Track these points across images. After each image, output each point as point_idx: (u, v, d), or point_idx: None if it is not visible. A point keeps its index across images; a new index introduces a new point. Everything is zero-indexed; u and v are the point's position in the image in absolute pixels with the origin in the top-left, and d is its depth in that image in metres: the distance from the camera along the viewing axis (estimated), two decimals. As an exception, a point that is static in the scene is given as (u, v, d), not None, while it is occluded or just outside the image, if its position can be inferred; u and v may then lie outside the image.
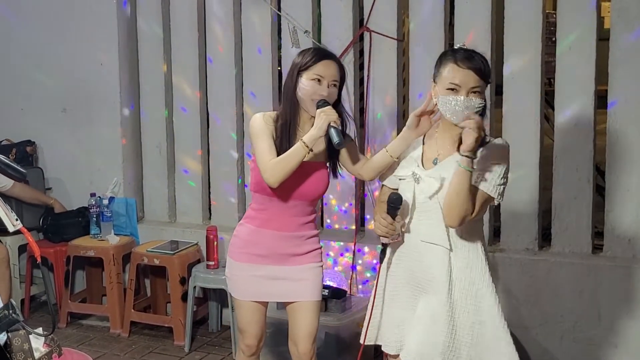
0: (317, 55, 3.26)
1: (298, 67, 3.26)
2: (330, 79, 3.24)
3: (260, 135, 3.26)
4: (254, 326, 3.46)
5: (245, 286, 3.41)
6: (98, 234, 5.31)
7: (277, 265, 3.37)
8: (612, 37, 4.22)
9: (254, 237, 3.38)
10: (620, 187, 4.28)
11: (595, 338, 4.29)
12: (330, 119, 3.13)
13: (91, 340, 5.03)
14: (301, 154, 3.16)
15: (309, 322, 3.41)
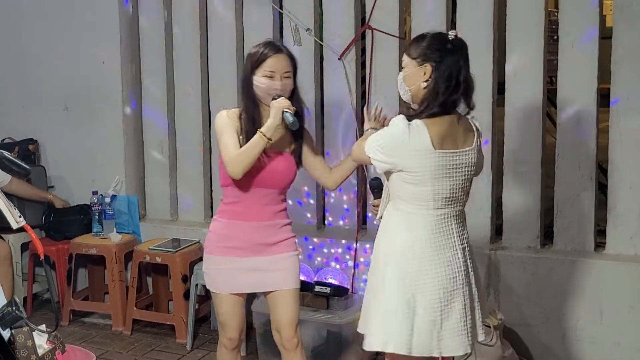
0: (266, 51, 3.38)
1: (250, 67, 3.40)
2: (282, 72, 3.37)
3: (225, 130, 3.38)
4: (234, 319, 3.52)
5: (224, 279, 3.47)
6: (100, 232, 5.32)
7: (254, 257, 3.45)
8: (615, 35, 4.21)
9: (229, 230, 3.46)
10: (622, 185, 4.27)
11: (597, 336, 4.29)
12: (282, 106, 3.29)
13: (93, 338, 5.04)
14: (260, 144, 3.28)
15: (289, 310, 3.49)
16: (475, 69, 4.38)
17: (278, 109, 3.28)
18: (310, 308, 4.45)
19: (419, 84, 3.04)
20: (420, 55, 3.04)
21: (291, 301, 3.49)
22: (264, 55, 3.37)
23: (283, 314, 3.49)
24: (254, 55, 3.40)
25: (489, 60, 4.47)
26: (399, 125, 2.98)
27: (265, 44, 3.43)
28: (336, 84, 4.87)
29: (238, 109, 3.46)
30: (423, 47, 3.04)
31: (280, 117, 3.28)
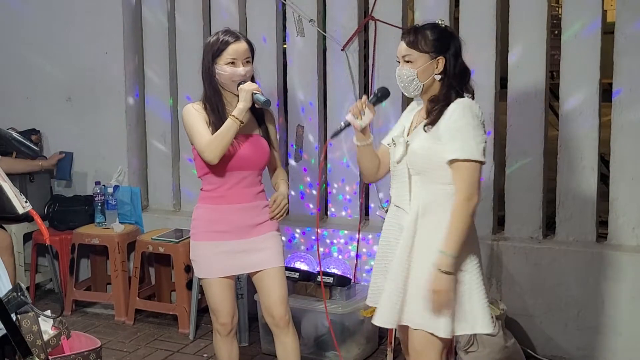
0: (226, 38, 3.46)
1: (211, 55, 3.46)
2: (243, 58, 3.45)
3: (195, 121, 3.47)
4: (225, 303, 3.56)
5: (212, 264, 3.53)
6: (103, 222, 5.32)
7: (239, 239, 3.51)
8: (617, 26, 4.22)
9: (213, 215, 3.53)
10: (624, 176, 4.29)
11: (600, 326, 4.30)
12: (252, 88, 3.39)
13: (96, 327, 5.05)
14: (234, 128, 3.36)
15: (277, 288, 3.54)
16: (478, 60, 4.46)
17: (248, 92, 3.37)
18: (313, 298, 4.46)
19: (433, 77, 3.02)
20: (432, 49, 3.00)
21: (278, 279, 3.56)
22: (224, 43, 3.44)
23: (272, 293, 3.55)
24: (213, 44, 3.47)
25: (492, 53, 4.48)
26: (474, 107, 2.97)
27: (225, 32, 3.50)
28: (339, 75, 4.88)
29: (200, 101, 3.54)
30: (433, 40, 3.00)
31: (250, 99, 3.37)
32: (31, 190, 5.39)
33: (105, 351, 3.92)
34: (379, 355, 4.55)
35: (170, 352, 4.71)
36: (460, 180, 2.92)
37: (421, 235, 3.01)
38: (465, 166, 2.91)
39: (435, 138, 2.97)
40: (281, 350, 3.61)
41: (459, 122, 2.93)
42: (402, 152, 3.05)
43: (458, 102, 2.98)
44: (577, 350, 4.36)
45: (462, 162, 2.91)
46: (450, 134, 2.93)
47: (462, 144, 2.91)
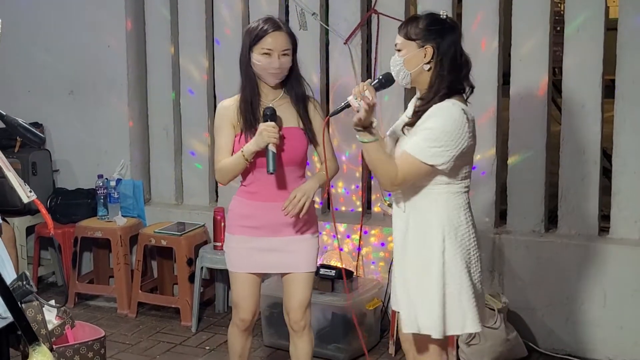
0: (265, 27, 3.32)
1: (248, 44, 3.35)
2: (280, 50, 3.30)
3: (219, 129, 3.42)
4: (248, 300, 3.50)
5: (241, 258, 3.46)
6: (105, 216, 5.33)
7: (270, 237, 3.42)
8: (620, 20, 4.23)
9: (246, 209, 3.44)
10: (627, 169, 4.29)
11: (601, 320, 4.31)
12: (270, 141, 3.22)
13: (99, 320, 5.05)
14: (241, 165, 3.31)
15: (300, 293, 3.48)
16: (481, 54, 4.47)
17: (264, 142, 3.21)
18: (315, 290, 4.45)
19: (421, 66, 2.94)
20: (420, 37, 2.93)
21: (302, 285, 3.47)
22: (262, 31, 3.30)
23: (292, 297, 3.49)
24: (252, 31, 3.34)
25: (495, 46, 4.49)
26: (452, 110, 2.88)
27: (265, 20, 3.36)
28: (342, 69, 4.88)
29: (238, 95, 3.44)
30: (422, 28, 2.93)
31: (262, 147, 3.23)
32: (34, 183, 5.38)
33: (107, 344, 3.93)
34: (381, 347, 4.56)
35: (173, 345, 4.72)
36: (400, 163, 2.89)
37: (411, 236, 3.00)
38: (411, 159, 2.87)
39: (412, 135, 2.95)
40: (293, 350, 3.59)
41: (427, 124, 2.89)
42: (390, 150, 3.05)
43: (440, 105, 2.90)
44: (579, 344, 4.37)
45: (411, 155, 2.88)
46: (418, 131, 2.90)
47: (416, 141, 2.88)
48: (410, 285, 2.99)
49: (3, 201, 4.88)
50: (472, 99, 3.09)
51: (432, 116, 2.89)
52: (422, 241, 2.96)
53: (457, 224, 2.97)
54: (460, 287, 2.95)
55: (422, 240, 2.96)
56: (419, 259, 2.97)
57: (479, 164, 4.51)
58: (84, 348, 3.59)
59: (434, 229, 2.95)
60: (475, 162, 4.47)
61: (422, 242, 2.96)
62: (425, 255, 2.95)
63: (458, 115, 2.88)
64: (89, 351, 3.62)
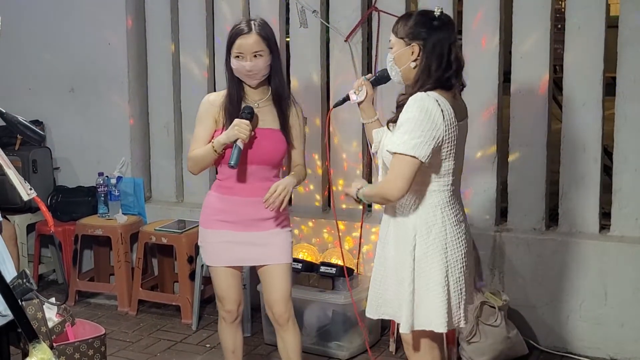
0: (234, 32, 3.41)
1: (227, 47, 3.43)
2: (250, 52, 3.36)
3: (200, 120, 3.52)
4: (230, 291, 3.56)
5: (218, 252, 3.52)
6: (106, 213, 5.33)
7: (246, 231, 3.48)
8: (621, 17, 4.22)
9: (222, 204, 3.50)
10: (627, 167, 4.29)
11: (602, 317, 4.31)
12: (239, 136, 3.31)
13: (99, 318, 5.05)
14: (210, 156, 3.40)
15: (280, 286, 3.52)
16: (482, 51, 4.46)
17: (234, 136, 3.30)
18: (316, 288, 4.47)
19: (408, 64, 2.97)
20: (407, 35, 2.96)
21: (282, 277, 3.53)
22: (234, 35, 3.40)
23: (273, 290, 3.54)
24: (229, 36, 3.44)
25: (496, 44, 4.48)
26: (425, 101, 2.87)
27: (239, 22, 3.44)
28: (342, 66, 4.87)
29: (224, 91, 3.53)
30: (409, 26, 2.96)
31: (232, 140, 3.32)
32: (34, 181, 5.39)
33: (108, 341, 3.93)
34: (381, 345, 4.56)
35: (173, 343, 4.72)
36: (391, 169, 2.93)
37: (391, 234, 3.08)
38: (399, 158, 2.89)
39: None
40: (281, 345, 3.62)
41: (404, 116, 2.90)
42: (375, 146, 3.10)
43: (414, 96, 2.91)
44: (579, 342, 4.37)
45: (397, 155, 2.89)
46: (397, 127, 2.94)
47: (398, 137, 2.90)
48: (391, 282, 3.08)
49: (3, 199, 4.87)
50: (472, 97, 3.12)
51: (406, 107, 2.91)
52: (397, 239, 3.04)
53: (432, 222, 2.99)
54: (428, 284, 2.98)
55: (397, 238, 3.05)
56: (396, 256, 3.04)
57: (479, 162, 4.51)
58: (84, 346, 3.59)
59: (408, 226, 3.01)
60: (476, 160, 4.48)
61: (397, 240, 3.04)
62: (400, 251, 3.02)
63: (431, 106, 2.87)
64: (89, 349, 3.62)
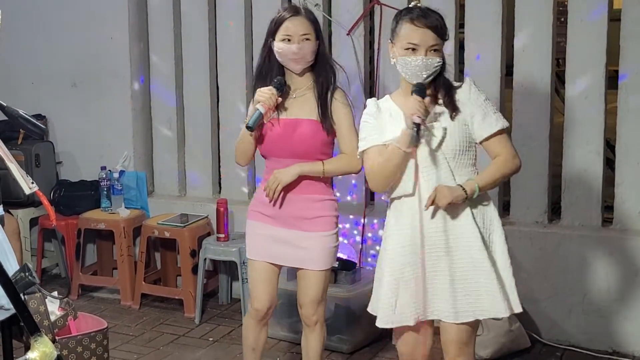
0: (282, 15, 3.33)
1: (271, 33, 3.34)
2: (299, 34, 3.28)
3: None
4: (261, 288, 3.46)
5: (257, 245, 3.46)
6: (109, 207, 5.34)
7: (284, 228, 3.40)
8: (624, 11, 4.22)
9: (263, 197, 3.41)
10: (630, 160, 4.29)
11: (604, 310, 4.31)
12: (259, 99, 3.25)
13: (102, 312, 5.06)
14: (246, 135, 3.34)
15: (312, 290, 3.45)
16: (484, 46, 4.45)
17: (255, 101, 3.27)
18: (318, 282, 4.47)
19: None
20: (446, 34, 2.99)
21: (313, 282, 3.43)
22: (281, 18, 3.31)
23: (304, 293, 3.46)
24: (273, 20, 3.35)
25: (498, 37, 4.47)
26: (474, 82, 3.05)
27: (285, 8, 3.38)
28: (345, 60, 4.85)
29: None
30: (445, 26, 2.98)
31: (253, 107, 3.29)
32: (37, 175, 5.39)
33: (111, 335, 3.94)
34: (385, 338, 4.56)
35: (176, 336, 4.73)
36: (503, 147, 3.01)
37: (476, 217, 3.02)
38: (504, 136, 3.01)
39: (464, 121, 2.97)
40: (304, 343, 3.57)
41: (480, 99, 2.99)
42: (442, 137, 2.95)
43: (466, 82, 3.02)
44: (582, 335, 4.37)
45: (502, 134, 3.00)
46: (480, 113, 2.97)
47: (496, 118, 2.99)
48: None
49: (6, 193, 4.86)
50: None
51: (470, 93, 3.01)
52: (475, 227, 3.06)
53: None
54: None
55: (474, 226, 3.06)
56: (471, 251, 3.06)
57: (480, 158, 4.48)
58: (87, 339, 3.59)
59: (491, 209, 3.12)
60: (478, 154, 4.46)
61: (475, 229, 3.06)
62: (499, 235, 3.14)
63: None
64: (92, 342, 3.62)
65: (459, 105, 2.97)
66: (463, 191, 2.94)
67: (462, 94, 2.98)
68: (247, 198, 5.21)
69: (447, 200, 2.92)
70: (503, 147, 3.01)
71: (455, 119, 2.97)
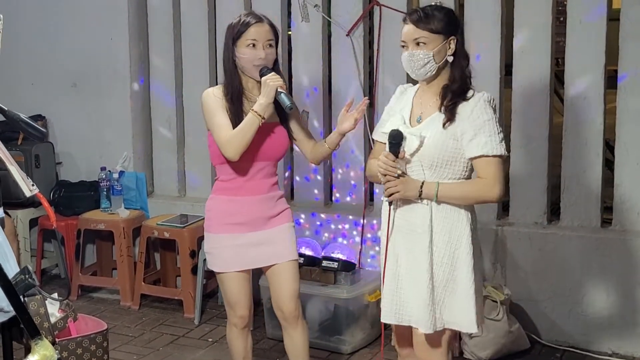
0: (245, 21, 3.32)
1: (232, 37, 3.33)
2: (264, 40, 3.30)
3: (213, 110, 3.34)
4: (243, 297, 3.47)
5: (229, 257, 3.42)
6: (108, 208, 5.34)
7: (256, 231, 3.42)
8: (623, 10, 4.22)
9: (230, 206, 3.41)
10: (629, 161, 4.29)
11: (603, 311, 4.32)
12: (276, 84, 3.22)
13: (102, 312, 5.07)
14: (255, 124, 3.23)
15: (290, 283, 3.47)
16: (483, 46, 4.46)
17: (272, 88, 3.22)
18: (317, 283, 4.48)
19: (446, 58, 2.99)
20: (444, 29, 2.95)
21: (290, 274, 3.47)
22: (245, 24, 3.30)
23: (283, 288, 3.47)
24: (234, 26, 3.33)
25: (497, 38, 4.47)
26: (490, 100, 2.98)
27: (246, 14, 3.38)
28: (344, 61, 4.87)
29: (221, 86, 3.41)
30: (444, 20, 2.95)
31: (273, 96, 3.23)
32: (37, 175, 5.40)
33: (110, 336, 3.94)
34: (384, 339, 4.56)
35: (176, 337, 4.73)
36: (486, 171, 2.94)
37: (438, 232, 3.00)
38: (492, 161, 2.93)
39: (454, 135, 2.94)
40: (289, 343, 3.55)
41: (481, 118, 2.92)
42: (417, 147, 2.96)
43: (477, 97, 2.96)
44: (582, 336, 4.37)
45: (488, 157, 2.92)
46: (474, 131, 2.92)
47: (487, 140, 2.91)
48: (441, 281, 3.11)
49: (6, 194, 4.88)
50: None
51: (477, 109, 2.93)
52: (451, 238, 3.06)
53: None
54: None
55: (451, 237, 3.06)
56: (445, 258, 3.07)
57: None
58: (87, 341, 3.60)
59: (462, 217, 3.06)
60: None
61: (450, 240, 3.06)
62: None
63: (493, 104, 3.02)
64: (92, 344, 3.63)
65: (456, 118, 2.94)
66: (419, 190, 2.94)
67: (466, 109, 2.94)
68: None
69: (398, 195, 2.95)
70: (484, 172, 2.94)
71: (446, 129, 2.95)
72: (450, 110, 2.95)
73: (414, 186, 2.95)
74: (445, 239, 2.99)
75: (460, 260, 3.00)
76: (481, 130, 2.91)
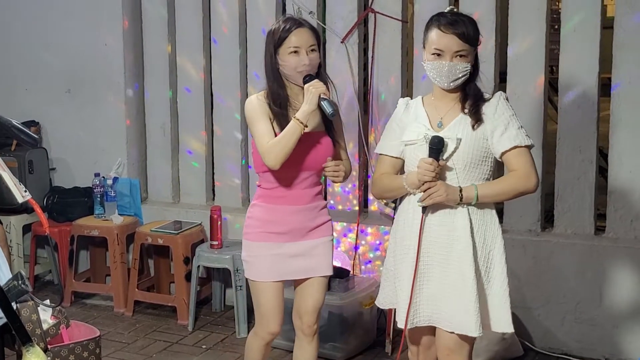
0: (287, 26, 3.23)
1: (273, 45, 3.25)
2: (307, 46, 3.22)
3: (256, 117, 3.26)
4: (277, 310, 3.37)
5: (267, 266, 3.33)
6: (102, 214, 5.33)
7: (295, 242, 3.33)
8: (617, 19, 4.23)
9: (271, 215, 3.33)
10: (622, 169, 4.30)
11: (597, 319, 4.32)
12: (319, 91, 3.15)
13: (95, 319, 5.06)
14: (297, 132, 3.14)
15: (316, 297, 3.40)
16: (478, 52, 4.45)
17: (314, 95, 3.14)
18: (311, 289, 4.46)
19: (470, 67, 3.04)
20: (477, 41, 3.03)
21: (319, 288, 3.40)
22: (285, 31, 3.21)
23: (308, 300, 3.40)
24: (275, 32, 3.25)
25: (492, 45, 4.48)
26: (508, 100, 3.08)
27: (285, 20, 3.28)
28: (338, 67, 4.87)
29: (265, 92, 3.33)
30: (477, 32, 3.01)
31: (316, 102, 3.14)
32: (30, 181, 5.39)
33: (104, 342, 3.93)
34: (377, 346, 4.56)
35: (169, 344, 4.72)
36: (520, 163, 3.01)
37: (475, 234, 3.02)
38: (524, 151, 3.01)
39: (484, 134, 3.00)
40: (300, 355, 3.47)
41: (507, 114, 3.01)
42: (453, 149, 2.98)
43: (496, 96, 3.05)
44: (575, 343, 4.37)
45: (521, 148, 3.00)
46: (504, 126, 2.99)
47: (517, 132, 3.00)
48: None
49: (0, 199, 4.87)
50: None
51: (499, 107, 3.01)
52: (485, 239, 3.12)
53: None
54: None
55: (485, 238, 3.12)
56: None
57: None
58: (79, 348, 3.58)
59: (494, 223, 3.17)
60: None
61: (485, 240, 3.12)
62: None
63: None
64: (84, 351, 3.61)
65: (483, 118, 3.00)
66: (459, 194, 2.96)
67: (489, 108, 3.01)
68: (241, 205, 5.21)
69: (440, 199, 2.95)
70: (519, 163, 3.01)
71: (475, 130, 3.00)
72: (475, 112, 3.01)
73: (453, 190, 2.97)
74: (481, 241, 3.03)
75: (495, 261, 3.05)
76: (509, 124, 3.00)
